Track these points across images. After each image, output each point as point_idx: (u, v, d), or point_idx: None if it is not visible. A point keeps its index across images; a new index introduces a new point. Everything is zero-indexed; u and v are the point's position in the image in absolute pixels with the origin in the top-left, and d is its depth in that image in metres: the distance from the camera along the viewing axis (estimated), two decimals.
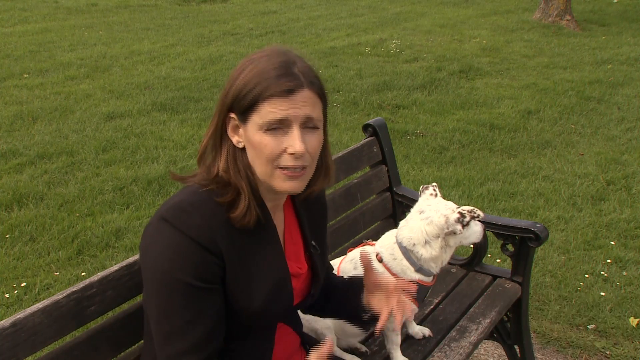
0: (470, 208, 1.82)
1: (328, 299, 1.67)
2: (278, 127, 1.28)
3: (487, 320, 2.22)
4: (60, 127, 5.77)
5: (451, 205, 1.88)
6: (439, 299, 2.37)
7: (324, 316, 1.75)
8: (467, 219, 1.80)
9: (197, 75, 7.51)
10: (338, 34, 10.10)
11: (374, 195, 2.63)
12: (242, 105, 1.30)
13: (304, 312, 1.74)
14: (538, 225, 2.36)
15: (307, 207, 1.56)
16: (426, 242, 1.82)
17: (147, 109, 6.31)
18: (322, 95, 1.34)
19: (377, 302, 1.51)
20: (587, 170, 4.83)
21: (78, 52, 8.82)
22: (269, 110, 1.27)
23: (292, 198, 1.54)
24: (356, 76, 7.46)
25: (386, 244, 1.91)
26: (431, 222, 1.83)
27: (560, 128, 5.87)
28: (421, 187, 1.96)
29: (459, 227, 1.80)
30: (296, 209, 1.55)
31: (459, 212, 1.81)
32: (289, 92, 1.27)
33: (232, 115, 1.33)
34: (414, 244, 1.83)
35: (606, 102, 6.61)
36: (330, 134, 5.55)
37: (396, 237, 1.88)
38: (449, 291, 2.43)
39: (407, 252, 1.85)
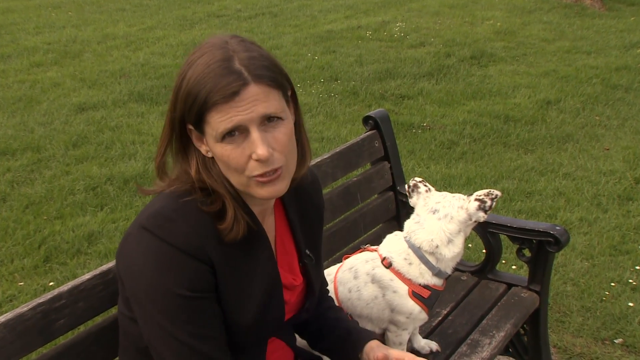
0: (485, 191, 1.87)
1: (322, 336, 1.68)
2: (235, 134, 1.26)
3: (502, 334, 2.22)
4: (24, 120, 5.76)
5: (459, 195, 1.93)
6: (448, 309, 2.38)
7: (314, 349, 1.76)
8: (488, 202, 1.85)
9: (179, 62, 7.50)
10: (336, 16, 10.10)
11: (376, 195, 2.63)
12: (191, 119, 1.29)
13: (299, 335, 1.75)
14: (558, 227, 2.37)
15: (300, 211, 1.56)
16: (449, 241, 1.87)
17: (123, 100, 6.30)
18: (277, 85, 1.30)
19: None
20: (613, 167, 4.85)
21: (45, 36, 8.80)
22: (217, 120, 1.25)
23: (282, 200, 1.53)
24: (356, 63, 7.46)
25: (397, 249, 1.93)
26: (452, 218, 1.87)
27: (583, 120, 5.89)
28: (407, 186, 2.00)
29: (481, 214, 1.86)
30: (287, 213, 1.55)
31: (477, 199, 1.86)
32: (233, 95, 1.24)
33: (190, 127, 1.33)
34: (436, 246, 1.87)
35: (635, 91, 6.63)
36: (327, 127, 5.61)
37: (408, 241, 1.91)
38: (459, 301, 2.44)
39: (423, 256, 1.88)
